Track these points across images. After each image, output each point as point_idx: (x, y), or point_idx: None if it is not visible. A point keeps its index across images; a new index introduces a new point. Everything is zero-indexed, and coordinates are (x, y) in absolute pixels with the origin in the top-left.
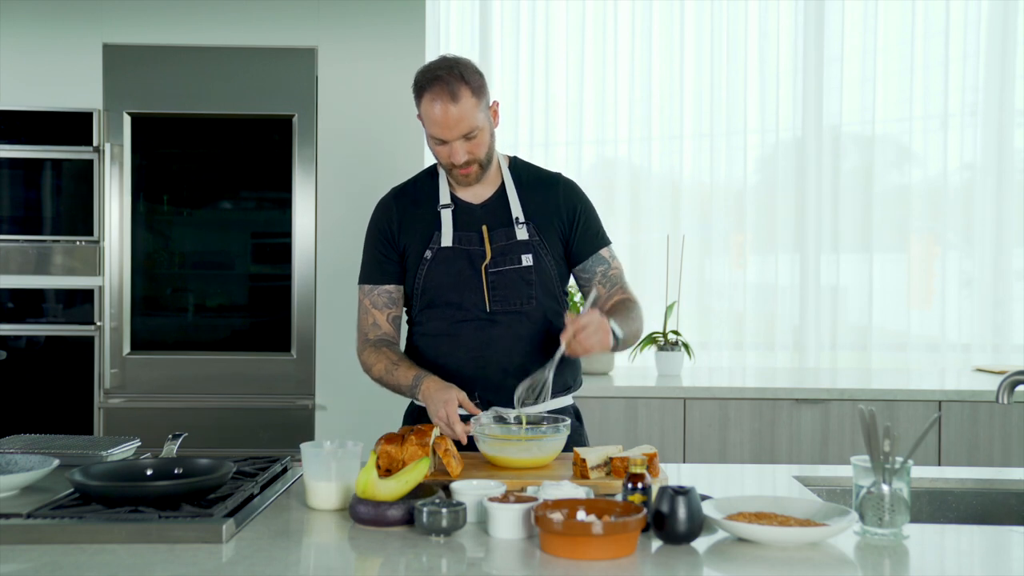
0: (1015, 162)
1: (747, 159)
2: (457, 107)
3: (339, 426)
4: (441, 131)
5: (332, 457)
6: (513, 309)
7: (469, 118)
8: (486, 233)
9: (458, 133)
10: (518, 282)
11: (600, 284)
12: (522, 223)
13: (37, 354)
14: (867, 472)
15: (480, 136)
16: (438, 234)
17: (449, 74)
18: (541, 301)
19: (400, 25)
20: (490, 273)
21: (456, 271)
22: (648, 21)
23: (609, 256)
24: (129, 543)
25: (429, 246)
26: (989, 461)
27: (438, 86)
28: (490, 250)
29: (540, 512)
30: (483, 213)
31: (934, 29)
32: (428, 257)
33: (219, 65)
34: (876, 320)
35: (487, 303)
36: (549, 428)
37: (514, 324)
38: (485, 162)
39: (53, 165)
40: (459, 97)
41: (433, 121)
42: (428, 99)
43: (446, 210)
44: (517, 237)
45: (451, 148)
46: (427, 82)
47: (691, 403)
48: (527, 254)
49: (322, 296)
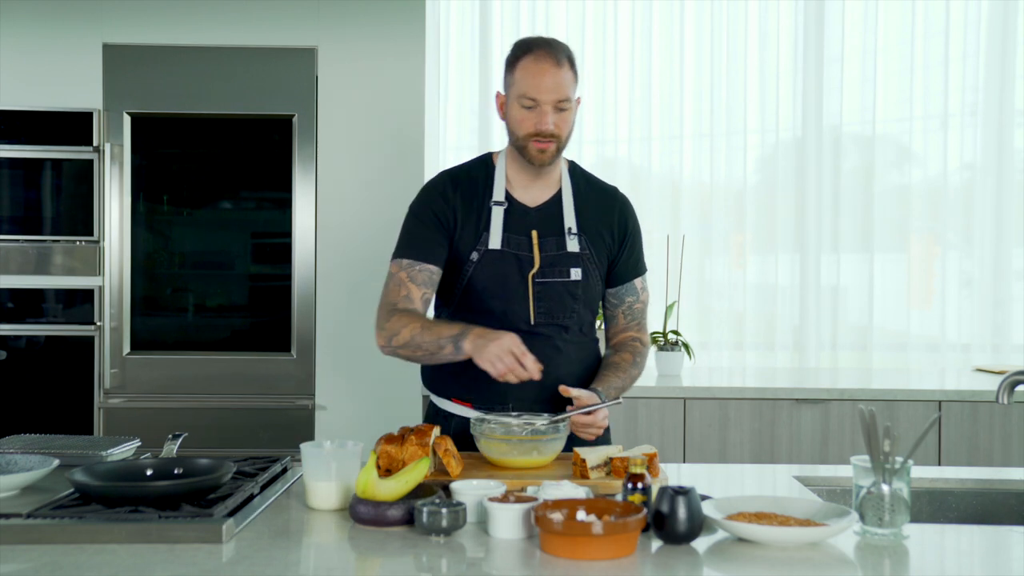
0: (1015, 162)
1: (747, 159)
2: (559, 72)
3: (339, 426)
4: (537, 90)
5: (332, 457)
6: (555, 323)
7: (566, 87)
8: (535, 239)
9: (554, 96)
10: (564, 296)
11: (623, 315)
12: (574, 234)
13: (37, 354)
14: (867, 472)
15: (568, 113)
16: (486, 235)
17: (557, 43)
18: (581, 315)
19: (400, 25)
20: (536, 283)
21: (503, 277)
22: (648, 21)
23: (641, 288)
24: (129, 543)
25: (476, 247)
26: (989, 461)
27: (545, 49)
28: (539, 258)
29: (540, 512)
30: (536, 217)
31: (934, 29)
32: (474, 260)
33: (219, 65)
34: (876, 320)
35: (531, 315)
36: (549, 428)
37: (553, 337)
38: (563, 146)
39: (53, 165)
40: (562, 64)
41: (531, 79)
42: (531, 59)
43: (499, 208)
44: (568, 248)
45: (540, 113)
46: (533, 44)
47: (691, 403)
48: (576, 268)
49: (322, 296)
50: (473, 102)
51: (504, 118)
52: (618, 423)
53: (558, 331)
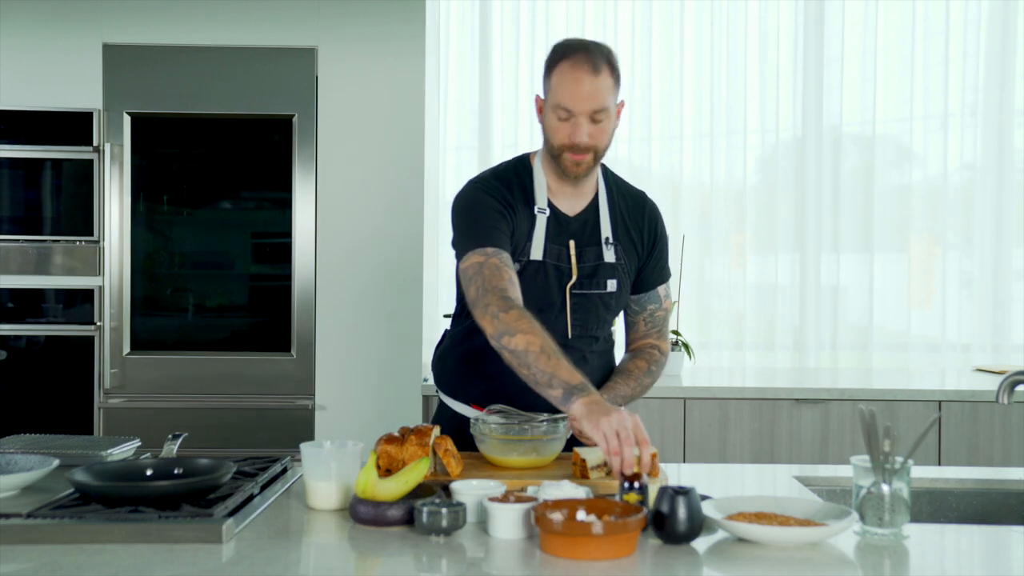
0: (1015, 162)
1: (747, 159)
2: (595, 80)
3: (339, 426)
4: (573, 101)
5: (332, 457)
6: (588, 335)
7: (603, 96)
8: (573, 249)
9: (589, 107)
10: (599, 308)
11: (644, 322)
12: (611, 244)
13: (37, 354)
14: (867, 472)
15: (606, 123)
16: (528, 244)
17: (596, 48)
18: (611, 324)
19: (400, 25)
20: (574, 295)
21: (544, 289)
22: (648, 21)
23: (664, 295)
24: (129, 543)
25: (518, 257)
26: (989, 461)
27: (582, 55)
28: (576, 270)
29: (540, 512)
30: (576, 226)
31: (934, 29)
32: (516, 269)
33: (219, 65)
34: (876, 320)
35: (568, 329)
36: (549, 428)
37: (584, 348)
38: (600, 156)
39: (53, 165)
40: (600, 71)
41: (566, 89)
42: (567, 65)
43: (542, 216)
44: (605, 259)
45: (575, 124)
46: (570, 49)
47: (691, 403)
48: (612, 279)
49: (322, 296)
50: (473, 102)
51: (541, 123)
52: None
53: (588, 343)
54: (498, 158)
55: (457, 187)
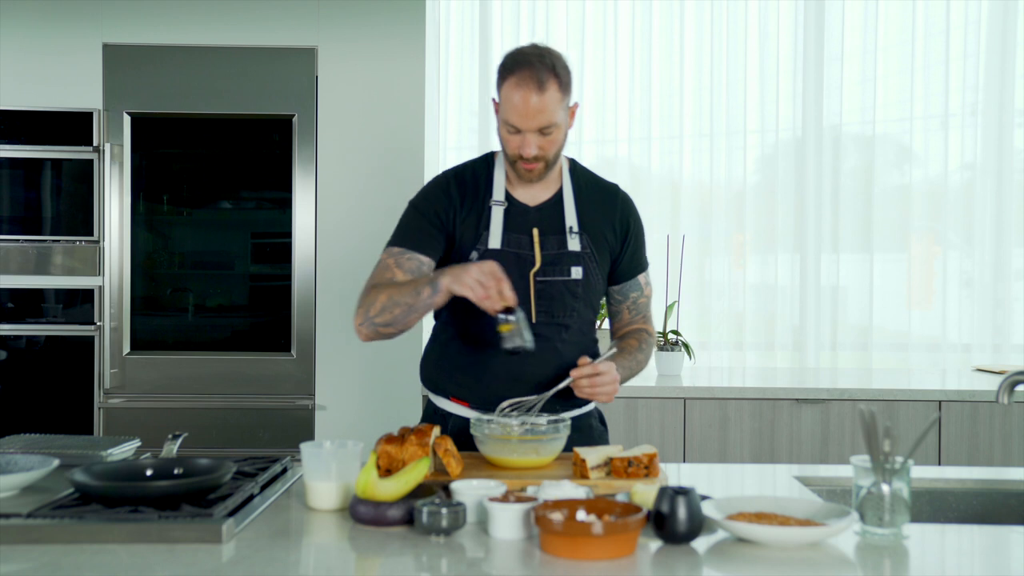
0: (1015, 162)
1: (747, 159)
2: (541, 98)
3: (339, 426)
4: (519, 119)
5: (332, 457)
6: (554, 321)
7: (550, 112)
8: (536, 237)
9: (536, 125)
10: (565, 294)
11: (628, 310)
12: (576, 233)
13: (37, 354)
14: (867, 472)
15: (555, 134)
16: (486, 234)
17: (540, 62)
18: (582, 314)
19: (400, 25)
20: (538, 282)
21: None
22: (648, 21)
23: (644, 282)
24: (129, 543)
25: (476, 247)
26: (989, 461)
27: (527, 71)
28: (540, 257)
29: (540, 512)
30: (537, 216)
31: (934, 29)
32: (474, 259)
33: (219, 65)
34: (876, 320)
35: (532, 314)
36: (549, 428)
37: (553, 336)
38: (552, 161)
39: (53, 165)
40: (546, 88)
41: (512, 108)
42: (513, 82)
43: (499, 208)
44: (569, 247)
45: (523, 139)
46: (516, 65)
47: (691, 403)
48: (577, 267)
49: (322, 296)
50: (473, 102)
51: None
52: (618, 423)
53: (558, 331)
54: None
55: None
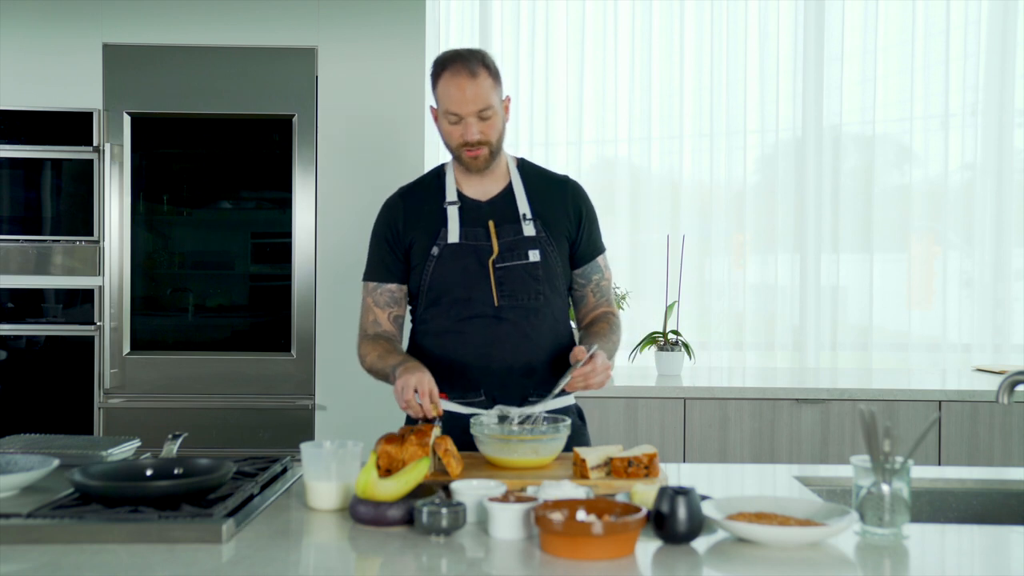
0: (1015, 162)
1: (747, 159)
2: (474, 83)
3: (339, 426)
4: (458, 105)
5: (332, 457)
6: (520, 305)
7: (485, 96)
8: (493, 228)
9: (474, 108)
10: (525, 278)
11: (592, 293)
12: (529, 219)
13: (37, 354)
14: (867, 472)
15: (493, 119)
16: (444, 230)
17: (470, 54)
18: (549, 297)
19: (400, 25)
20: (497, 268)
21: (463, 267)
22: (648, 21)
23: (604, 265)
24: (129, 543)
25: (436, 242)
26: (989, 461)
27: (458, 63)
28: (497, 245)
29: (540, 512)
30: (490, 209)
31: (934, 29)
32: (435, 254)
33: (219, 65)
34: (876, 320)
35: (495, 298)
36: (549, 428)
37: (520, 321)
38: (495, 148)
39: (53, 165)
40: (477, 74)
41: (450, 96)
42: (447, 75)
43: (452, 207)
44: (524, 233)
45: (465, 125)
46: (447, 60)
47: (691, 403)
48: (534, 250)
49: (322, 296)
50: None
51: (438, 130)
52: (618, 423)
53: (525, 315)
54: None
55: None
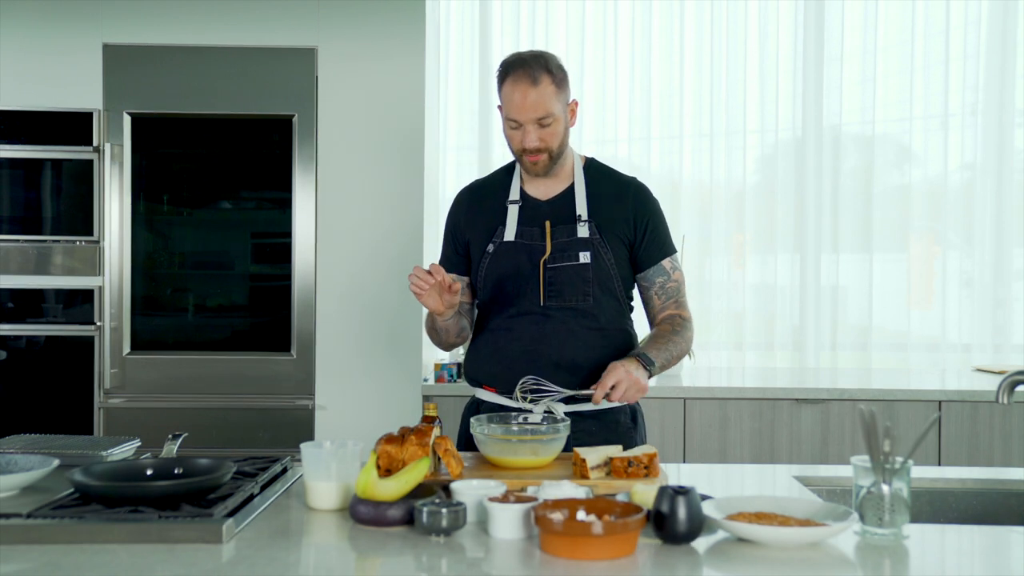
0: (1015, 162)
1: (747, 159)
2: (536, 90)
3: (339, 426)
4: (517, 112)
5: (332, 457)
6: (568, 305)
7: (546, 103)
8: (548, 228)
9: (533, 116)
10: (575, 279)
11: (657, 296)
12: (584, 221)
13: (37, 354)
14: (867, 472)
15: (554, 126)
16: (502, 228)
17: (534, 60)
18: (599, 299)
19: (400, 25)
20: (548, 268)
21: (515, 265)
22: (648, 21)
23: (670, 267)
24: (129, 543)
25: (492, 240)
26: (989, 461)
27: (521, 69)
28: (550, 245)
29: (540, 512)
30: (549, 209)
31: (934, 29)
32: (490, 251)
33: (219, 65)
34: (876, 320)
35: (542, 297)
36: (549, 428)
37: (568, 320)
38: (556, 153)
39: (53, 165)
40: (539, 81)
41: (511, 102)
42: (510, 81)
43: (513, 205)
44: (578, 234)
45: (524, 131)
46: (511, 65)
47: (691, 403)
48: (585, 251)
49: (322, 296)
50: (473, 102)
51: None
52: None
53: (572, 314)
54: (498, 158)
55: (457, 186)
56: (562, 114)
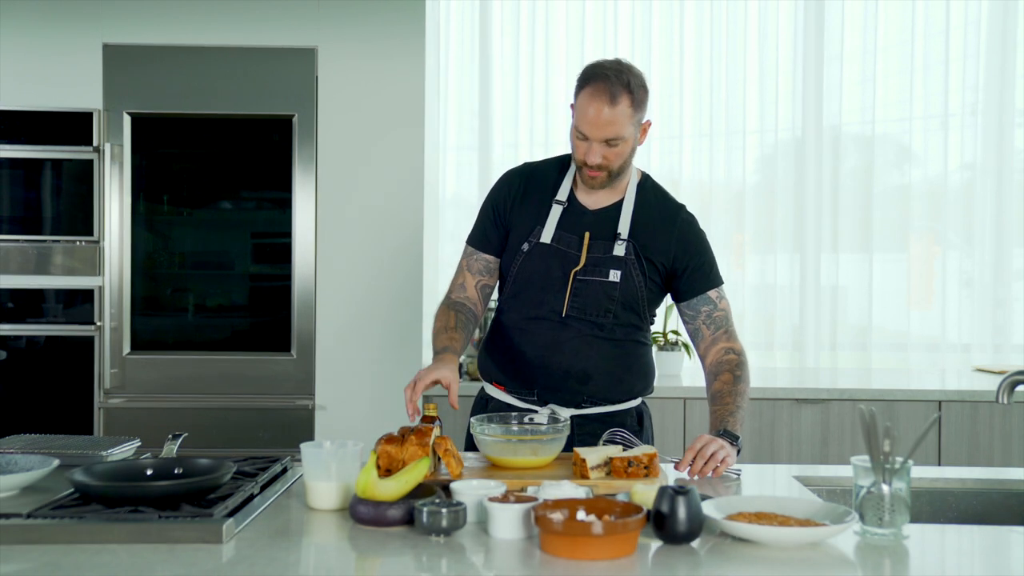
0: (1015, 162)
1: (746, 159)
2: (612, 110)
3: (339, 426)
4: (588, 128)
5: (332, 457)
6: (586, 318)
7: (618, 125)
8: (587, 239)
9: (602, 136)
10: (600, 295)
11: (705, 326)
12: (623, 240)
13: (37, 354)
14: (867, 472)
15: (622, 147)
16: (540, 228)
17: (616, 76)
18: (619, 316)
19: (400, 25)
20: (577, 280)
21: (546, 269)
22: (648, 21)
23: (717, 297)
24: (129, 543)
25: (528, 238)
26: (989, 461)
27: (602, 83)
28: (585, 257)
29: (540, 512)
30: (592, 219)
31: (934, 29)
32: (524, 250)
33: (219, 65)
34: (876, 320)
35: (564, 307)
36: (550, 428)
37: (584, 331)
38: (616, 173)
39: (53, 165)
40: (617, 102)
41: (583, 116)
42: (587, 93)
43: (558, 206)
44: (613, 252)
45: (589, 147)
46: (593, 76)
47: (691, 403)
48: (616, 270)
49: (322, 296)
50: (473, 102)
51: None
52: None
53: (591, 327)
54: (498, 158)
55: (457, 187)
56: (633, 136)
